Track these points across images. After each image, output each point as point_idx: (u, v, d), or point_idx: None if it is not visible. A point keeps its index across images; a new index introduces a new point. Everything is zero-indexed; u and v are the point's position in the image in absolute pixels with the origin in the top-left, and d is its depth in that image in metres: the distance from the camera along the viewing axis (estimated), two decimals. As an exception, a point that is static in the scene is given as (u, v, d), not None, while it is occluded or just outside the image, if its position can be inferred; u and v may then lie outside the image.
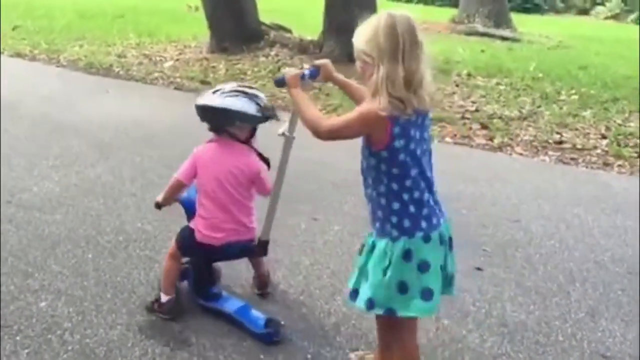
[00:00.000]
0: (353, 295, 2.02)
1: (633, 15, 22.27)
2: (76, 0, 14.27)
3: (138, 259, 3.21)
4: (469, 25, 13.96)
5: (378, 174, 1.92)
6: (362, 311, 2.04)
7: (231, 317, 2.67)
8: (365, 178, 1.99)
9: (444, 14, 15.37)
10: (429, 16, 13.75)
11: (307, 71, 2.21)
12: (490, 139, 5.81)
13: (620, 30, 16.17)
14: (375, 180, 1.94)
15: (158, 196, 2.71)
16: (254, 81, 7.49)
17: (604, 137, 5.90)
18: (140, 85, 7.59)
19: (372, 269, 1.94)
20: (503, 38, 12.73)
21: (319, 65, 2.23)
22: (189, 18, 11.98)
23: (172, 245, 2.71)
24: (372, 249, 1.97)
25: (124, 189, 4.12)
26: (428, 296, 1.91)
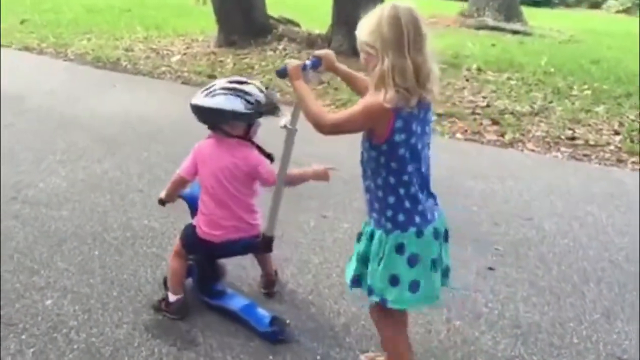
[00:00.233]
0: (354, 283, 2.06)
1: (645, 9, 22.01)
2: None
3: (145, 256, 3.17)
4: (479, 19, 13.81)
5: (377, 167, 1.91)
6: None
7: (236, 315, 2.63)
8: (365, 170, 1.98)
9: (453, 7, 15.21)
10: (438, 9, 13.64)
11: (309, 62, 2.17)
12: (502, 135, 5.73)
13: (632, 24, 15.93)
14: (374, 172, 1.93)
15: (161, 192, 2.68)
16: (261, 75, 7.44)
17: (617, 133, 5.81)
18: (148, 80, 7.54)
19: (372, 257, 1.99)
20: (514, 32, 12.58)
21: (321, 56, 2.18)
22: (197, 12, 11.90)
23: (177, 243, 2.68)
24: (372, 237, 1.99)
25: (131, 185, 4.08)
26: (415, 288, 1.95)
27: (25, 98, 6.11)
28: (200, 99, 2.46)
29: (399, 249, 1.92)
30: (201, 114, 2.49)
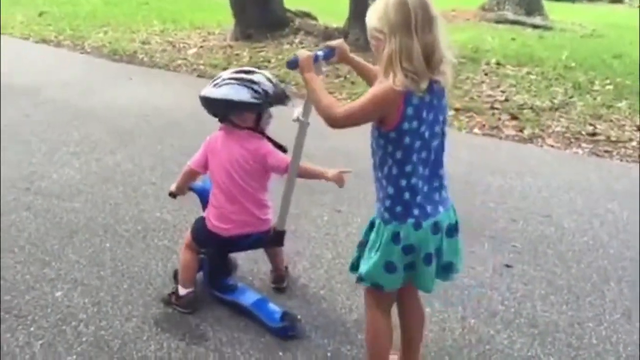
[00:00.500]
0: (353, 268, 2.08)
1: (669, 3, 21.58)
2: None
3: (156, 249, 3.14)
4: (499, 12, 13.62)
5: (384, 155, 1.87)
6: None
7: (246, 310, 2.59)
8: (373, 159, 1.94)
9: (473, 1, 15.02)
10: (457, 3, 13.48)
11: (321, 52, 2.09)
12: (520, 130, 5.62)
13: (656, 19, 15.64)
14: (381, 161, 1.89)
15: (172, 185, 2.65)
16: (277, 69, 7.39)
17: (639, 129, 5.67)
18: (164, 72, 7.54)
19: (369, 245, 1.98)
20: (534, 26, 12.38)
21: (334, 46, 2.13)
22: (214, 5, 11.89)
23: (188, 235, 2.65)
24: (372, 226, 1.99)
25: (143, 178, 4.06)
26: (410, 269, 1.94)
27: (41, 90, 6.14)
28: (208, 90, 2.43)
29: (395, 238, 1.89)
30: (209, 105, 2.45)
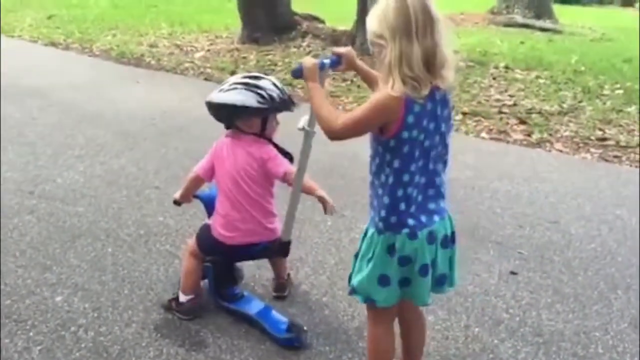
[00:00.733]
0: (350, 279, 2.01)
1: (681, 7, 21.40)
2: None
3: (158, 253, 3.12)
4: (508, 16, 13.58)
5: (381, 163, 1.82)
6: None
7: (252, 320, 2.55)
8: (370, 165, 1.89)
9: (482, 4, 14.96)
10: (466, 7, 13.44)
11: (328, 60, 2.02)
12: (529, 135, 5.57)
13: (667, 23, 15.52)
14: (378, 168, 1.85)
15: (176, 193, 2.61)
16: (284, 72, 7.38)
17: (649, 134, 5.61)
18: (171, 76, 7.56)
19: (361, 255, 1.94)
20: (543, 29, 12.33)
21: (341, 54, 2.05)
22: (224, 8, 11.92)
23: (192, 242, 2.61)
24: (365, 236, 1.94)
25: (147, 181, 4.05)
26: (405, 284, 1.89)
27: (48, 93, 6.16)
28: (214, 95, 2.41)
29: (390, 250, 1.85)
30: (215, 110, 2.43)
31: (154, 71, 7.73)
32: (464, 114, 6.05)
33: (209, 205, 2.61)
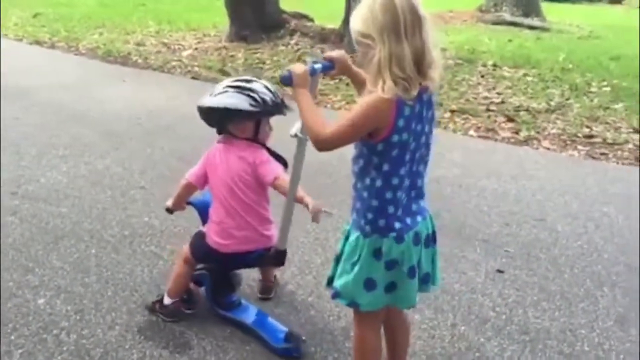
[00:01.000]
0: (330, 283, 1.97)
1: (668, 4, 21.52)
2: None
3: (142, 254, 3.09)
4: (497, 14, 13.61)
5: (367, 166, 1.78)
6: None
7: (249, 329, 2.50)
8: (353, 167, 1.84)
9: (470, 2, 14.96)
10: (455, 5, 13.46)
11: (320, 65, 1.91)
12: (516, 132, 5.58)
13: (654, 20, 15.62)
14: (362, 170, 1.80)
15: (168, 201, 2.55)
16: (272, 71, 7.35)
17: (636, 132, 5.63)
18: (158, 74, 7.50)
19: (344, 259, 1.89)
20: (531, 27, 12.37)
21: (334, 59, 1.94)
22: (212, 6, 11.84)
23: (186, 250, 2.53)
24: (347, 238, 1.90)
25: (132, 182, 4.01)
26: (391, 289, 1.87)
27: (33, 92, 6.09)
28: (205, 99, 2.34)
29: (377, 254, 1.81)
30: (206, 114, 2.36)
31: (141, 70, 7.67)
32: (452, 111, 6.05)
33: (203, 211, 2.55)
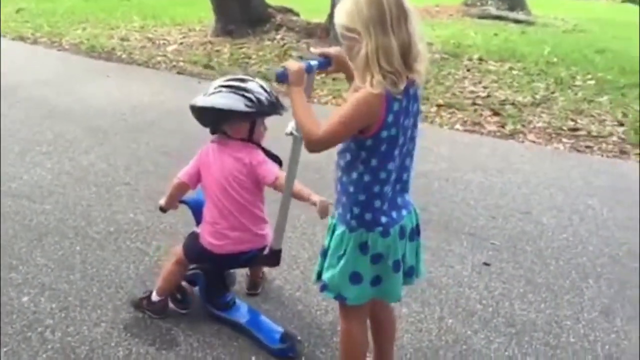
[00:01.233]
0: (319, 277, 1.97)
1: (652, -2, 21.69)
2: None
3: (128, 251, 3.06)
4: (482, 8, 13.64)
5: (354, 160, 1.76)
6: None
7: (244, 329, 2.47)
8: (339, 161, 1.83)
9: (456, -4, 15.01)
10: (441, -1, 13.47)
11: (316, 62, 1.86)
12: (502, 126, 5.61)
13: (637, 13, 15.72)
14: (349, 165, 1.79)
15: (161, 200, 2.51)
16: (258, 65, 7.32)
17: (621, 124, 5.68)
18: (142, 70, 7.42)
19: (330, 253, 1.89)
20: (516, 21, 12.42)
21: (332, 55, 1.89)
22: (197, 1, 11.74)
23: (179, 250, 2.49)
24: (333, 232, 1.89)
25: (117, 178, 3.97)
26: (377, 283, 1.88)
27: (16, 89, 6.00)
28: (198, 99, 2.30)
29: (363, 247, 1.81)
30: (200, 114, 2.32)
31: (125, 65, 7.59)
32: (439, 106, 6.06)
33: (197, 211, 2.51)
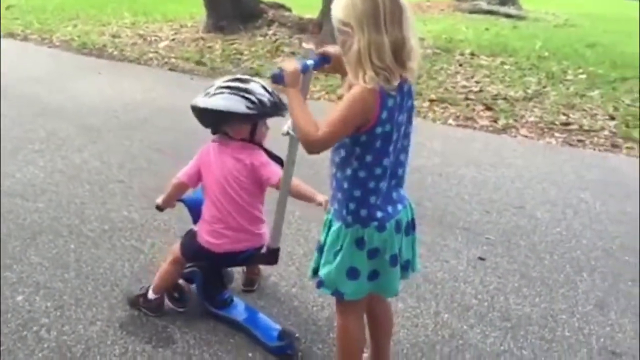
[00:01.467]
0: (315, 274, 1.97)
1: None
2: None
3: (122, 249, 3.05)
4: (473, 2, 13.67)
5: (349, 156, 1.76)
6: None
7: (242, 327, 2.47)
8: (333, 157, 1.83)
9: (448, -9, 15.02)
10: (432, -6, 13.47)
11: (312, 61, 1.83)
12: (494, 121, 5.63)
13: (629, 8, 15.81)
14: (343, 161, 1.79)
15: (158, 198, 2.50)
16: (250, 61, 7.29)
17: (612, 118, 5.72)
18: (134, 66, 7.39)
19: (327, 249, 1.89)
20: (508, 16, 12.47)
21: (331, 54, 1.86)
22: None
23: (177, 249, 2.48)
24: (329, 228, 1.89)
25: (111, 175, 3.95)
26: (374, 277, 1.88)
27: (7, 86, 5.95)
28: (200, 99, 2.28)
29: (359, 243, 1.82)
30: (201, 115, 2.30)
31: (117, 62, 7.55)
32: (431, 101, 6.07)
33: (194, 209, 2.50)
